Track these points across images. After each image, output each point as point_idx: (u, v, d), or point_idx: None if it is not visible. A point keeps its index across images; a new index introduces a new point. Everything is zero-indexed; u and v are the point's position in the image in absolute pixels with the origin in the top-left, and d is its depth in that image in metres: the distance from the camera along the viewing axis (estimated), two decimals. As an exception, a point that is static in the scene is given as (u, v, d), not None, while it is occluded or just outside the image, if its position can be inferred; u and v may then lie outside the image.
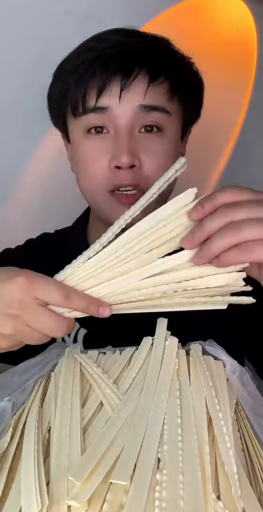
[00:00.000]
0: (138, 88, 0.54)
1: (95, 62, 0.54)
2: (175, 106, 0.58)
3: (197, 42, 0.93)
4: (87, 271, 0.40)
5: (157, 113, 0.55)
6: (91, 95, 0.55)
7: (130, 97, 0.54)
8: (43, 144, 0.92)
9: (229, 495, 0.30)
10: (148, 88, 0.54)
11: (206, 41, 0.96)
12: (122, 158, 0.53)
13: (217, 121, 0.97)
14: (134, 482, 0.30)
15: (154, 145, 0.56)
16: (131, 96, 0.54)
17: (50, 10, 0.85)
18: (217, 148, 1.03)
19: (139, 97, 0.54)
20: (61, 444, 0.34)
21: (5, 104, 0.87)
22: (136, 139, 0.55)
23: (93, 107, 0.55)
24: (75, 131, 0.59)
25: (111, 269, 0.40)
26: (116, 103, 0.54)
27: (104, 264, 0.40)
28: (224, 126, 1.02)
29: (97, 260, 0.40)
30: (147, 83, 0.54)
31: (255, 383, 0.42)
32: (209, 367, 0.42)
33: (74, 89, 0.56)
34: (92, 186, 0.58)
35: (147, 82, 0.54)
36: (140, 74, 0.54)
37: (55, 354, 0.47)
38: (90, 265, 0.40)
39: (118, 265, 0.40)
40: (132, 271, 0.40)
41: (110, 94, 0.54)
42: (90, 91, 0.54)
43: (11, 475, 0.33)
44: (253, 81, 1.01)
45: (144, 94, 0.54)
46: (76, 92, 0.55)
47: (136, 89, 0.54)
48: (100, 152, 0.56)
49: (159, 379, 0.39)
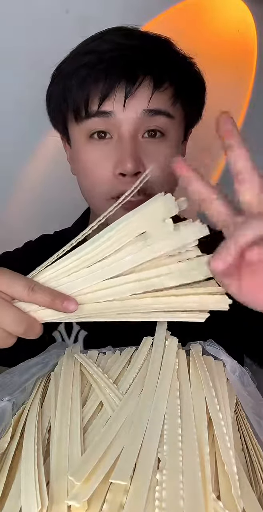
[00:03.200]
0: (142, 94, 0.53)
1: (97, 66, 0.53)
2: (178, 109, 0.57)
3: (197, 42, 0.93)
4: (55, 270, 0.40)
5: (161, 117, 0.55)
6: (94, 100, 0.54)
7: (134, 103, 0.53)
8: (43, 144, 0.92)
9: (229, 495, 0.30)
10: (153, 94, 0.54)
11: (206, 41, 0.96)
12: (127, 165, 0.52)
13: (217, 121, 0.96)
14: (134, 482, 0.30)
15: (157, 150, 0.55)
16: (135, 102, 0.53)
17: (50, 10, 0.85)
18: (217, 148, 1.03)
19: (143, 103, 0.54)
20: (61, 444, 0.34)
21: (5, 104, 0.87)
22: (139, 144, 0.55)
23: (96, 112, 0.54)
24: (77, 135, 0.58)
25: (79, 267, 0.39)
26: (120, 108, 0.53)
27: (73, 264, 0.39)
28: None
29: (66, 260, 0.40)
30: (152, 90, 0.54)
31: (255, 383, 0.42)
32: (209, 367, 0.42)
33: (75, 93, 0.55)
34: (95, 192, 0.58)
35: (152, 88, 0.54)
36: (145, 81, 0.53)
37: (55, 354, 0.47)
38: (59, 265, 0.40)
39: (86, 265, 0.39)
40: (99, 270, 0.39)
41: (114, 99, 0.53)
42: (93, 96, 0.54)
43: (11, 475, 0.33)
44: (253, 81, 1.02)
45: (149, 100, 0.54)
46: (78, 96, 0.55)
47: (140, 95, 0.53)
48: (104, 158, 0.55)
49: (159, 379, 0.39)
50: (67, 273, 0.40)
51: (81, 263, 0.39)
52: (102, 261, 0.39)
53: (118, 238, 0.38)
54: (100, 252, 0.39)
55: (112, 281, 0.39)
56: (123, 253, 0.39)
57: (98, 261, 0.39)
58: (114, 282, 0.39)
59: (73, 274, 0.40)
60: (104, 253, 0.39)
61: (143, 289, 0.39)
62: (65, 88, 0.56)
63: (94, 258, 0.39)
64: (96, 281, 0.39)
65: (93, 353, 0.46)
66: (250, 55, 1.00)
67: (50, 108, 0.62)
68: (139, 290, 0.39)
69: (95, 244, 0.39)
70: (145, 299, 0.40)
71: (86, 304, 0.40)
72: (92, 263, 0.39)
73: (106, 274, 0.39)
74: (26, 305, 0.40)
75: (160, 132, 0.56)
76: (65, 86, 0.56)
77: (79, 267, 0.39)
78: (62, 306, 0.39)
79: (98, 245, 0.39)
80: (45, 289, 0.39)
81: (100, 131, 0.55)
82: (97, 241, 0.39)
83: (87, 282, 0.40)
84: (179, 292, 0.40)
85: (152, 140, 0.56)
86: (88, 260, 0.39)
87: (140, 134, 0.55)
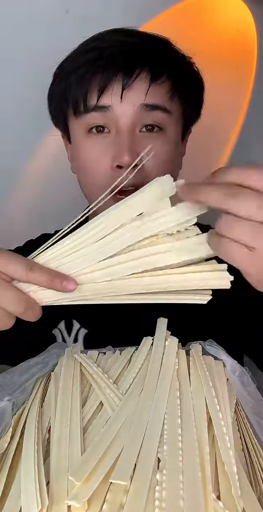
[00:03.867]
0: (139, 87, 0.54)
1: (96, 62, 0.54)
2: (175, 105, 0.58)
3: (197, 42, 0.93)
4: (54, 251, 0.40)
5: (158, 112, 0.56)
6: (93, 94, 0.55)
7: (131, 96, 0.54)
8: (44, 144, 0.92)
9: (229, 495, 0.30)
10: (150, 87, 0.54)
11: (206, 41, 0.96)
12: (124, 157, 0.53)
13: (217, 121, 0.97)
14: (134, 482, 0.30)
15: (155, 145, 0.56)
16: (132, 95, 0.54)
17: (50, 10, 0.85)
18: (217, 148, 1.04)
19: (140, 96, 0.54)
20: (61, 444, 0.34)
21: (5, 103, 0.87)
22: (137, 138, 0.55)
23: (95, 106, 0.55)
24: (76, 130, 0.59)
25: (77, 248, 0.39)
26: (117, 102, 0.54)
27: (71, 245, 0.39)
28: (224, 126, 1.02)
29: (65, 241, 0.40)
30: (149, 82, 0.54)
31: (255, 383, 0.42)
32: (209, 367, 0.42)
33: (75, 88, 0.56)
34: (94, 185, 0.58)
35: (149, 81, 0.54)
36: (142, 73, 0.54)
37: (55, 354, 0.47)
38: (58, 246, 0.40)
39: (84, 245, 0.39)
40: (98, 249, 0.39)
41: (111, 93, 0.54)
42: (91, 90, 0.55)
43: (11, 475, 0.33)
44: (253, 81, 1.02)
45: (146, 93, 0.54)
46: (77, 91, 0.55)
47: (137, 88, 0.54)
48: (102, 152, 0.56)
49: (159, 379, 0.39)
50: (66, 254, 0.40)
51: (79, 244, 0.39)
52: (100, 241, 0.39)
53: (116, 218, 0.38)
54: (98, 232, 0.39)
55: (110, 260, 0.39)
56: (121, 232, 0.38)
57: (96, 241, 0.39)
58: (112, 261, 0.39)
59: (72, 255, 0.40)
60: (103, 233, 0.39)
61: (142, 268, 0.39)
62: (66, 85, 0.57)
63: (92, 238, 0.39)
64: (94, 261, 0.39)
65: (93, 353, 0.46)
66: (250, 55, 1.00)
67: (52, 107, 0.63)
68: (137, 269, 0.39)
69: (94, 224, 0.39)
70: (144, 278, 0.39)
71: (85, 285, 0.40)
72: (90, 243, 0.39)
73: (105, 253, 0.39)
74: (25, 285, 0.40)
75: (158, 127, 0.56)
76: (66, 84, 0.57)
77: (77, 247, 0.39)
78: (61, 285, 0.39)
79: (96, 225, 0.39)
80: (44, 269, 0.39)
81: (99, 126, 0.56)
82: (96, 221, 0.39)
83: (86, 262, 0.39)
84: (179, 270, 0.39)
85: (150, 135, 0.56)
86: (86, 240, 0.39)
87: (137, 128, 0.56)
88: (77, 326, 0.62)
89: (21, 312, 0.39)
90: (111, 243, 0.39)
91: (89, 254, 0.39)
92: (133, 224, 0.38)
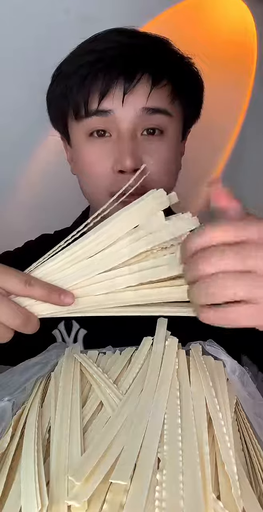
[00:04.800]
0: (141, 91, 0.54)
1: (97, 64, 0.54)
2: (176, 107, 0.58)
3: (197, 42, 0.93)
4: (51, 265, 0.40)
5: (160, 116, 0.55)
6: (94, 98, 0.54)
7: (133, 100, 0.54)
8: (44, 144, 0.92)
9: (229, 495, 0.30)
10: (151, 91, 0.54)
11: (206, 41, 0.96)
12: (126, 162, 0.53)
13: (217, 121, 0.97)
14: (134, 482, 0.30)
15: (156, 148, 0.56)
16: (134, 99, 0.54)
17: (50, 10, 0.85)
18: (217, 147, 1.04)
19: (142, 100, 0.54)
20: (61, 444, 0.34)
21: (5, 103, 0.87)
22: (138, 142, 0.55)
23: (96, 110, 0.54)
24: (77, 134, 0.58)
25: (74, 262, 0.40)
26: (119, 106, 0.54)
27: (68, 259, 0.40)
28: (224, 125, 1.02)
29: (61, 255, 0.40)
30: (150, 86, 0.54)
31: (255, 383, 0.42)
32: (209, 367, 0.42)
33: (76, 92, 0.55)
34: (95, 190, 0.58)
35: (150, 85, 0.54)
36: (143, 77, 0.54)
37: (55, 354, 0.47)
38: (55, 260, 0.40)
39: (81, 259, 0.40)
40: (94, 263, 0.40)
41: (113, 97, 0.54)
42: (92, 94, 0.54)
43: (11, 475, 0.33)
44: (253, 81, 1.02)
45: (147, 97, 0.54)
46: (78, 95, 0.55)
47: (139, 92, 0.54)
48: (103, 156, 0.56)
49: (159, 379, 0.39)
50: (63, 268, 0.40)
51: (75, 258, 0.40)
52: (97, 255, 0.39)
53: (111, 232, 0.39)
54: (94, 246, 0.39)
55: (107, 274, 0.40)
56: (117, 246, 0.39)
57: (93, 255, 0.39)
58: (109, 275, 0.40)
59: (69, 269, 0.40)
60: (99, 248, 0.39)
61: (138, 281, 0.40)
62: (66, 88, 0.57)
63: (89, 252, 0.40)
64: (91, 275, 0.40)
65: (93, 353, 0.46)
66: (250, 55, 1.00)
67: (51, 109, 0.62)
68: (133, 282, 0.40)
69: (90, 239, 0.39)
70: (140, 291, 0.40)
71: (82, 298, 0.41)
72: (87, 257, 0.40)
73: (101, 267, 0.40)
74: (23, 299, 0.40)
75: (159, 130, 0.56)
76: (65, 86, 0.57)
77: (74, 261, 0.40)
78: (59, 299, 0.39)
79: (92, 239, 0.39)
80: (42, 283, 0.39)
81: (100, 130, 0.56)
82: (92, 236, 0.39)
83: (83, 276, 0.40)
84: (172, 283, 0.40)
85: (151, 138, 0.56)
86: (83, 254, 0.40)
87: (139, 132, 0.56)
88: (77, 327, 0.62)
89: (18, 325, 0.39)
90: (107, 257, 0.39)
91: (86, 268, 0.40)
92: (129, 239, 0.39)
